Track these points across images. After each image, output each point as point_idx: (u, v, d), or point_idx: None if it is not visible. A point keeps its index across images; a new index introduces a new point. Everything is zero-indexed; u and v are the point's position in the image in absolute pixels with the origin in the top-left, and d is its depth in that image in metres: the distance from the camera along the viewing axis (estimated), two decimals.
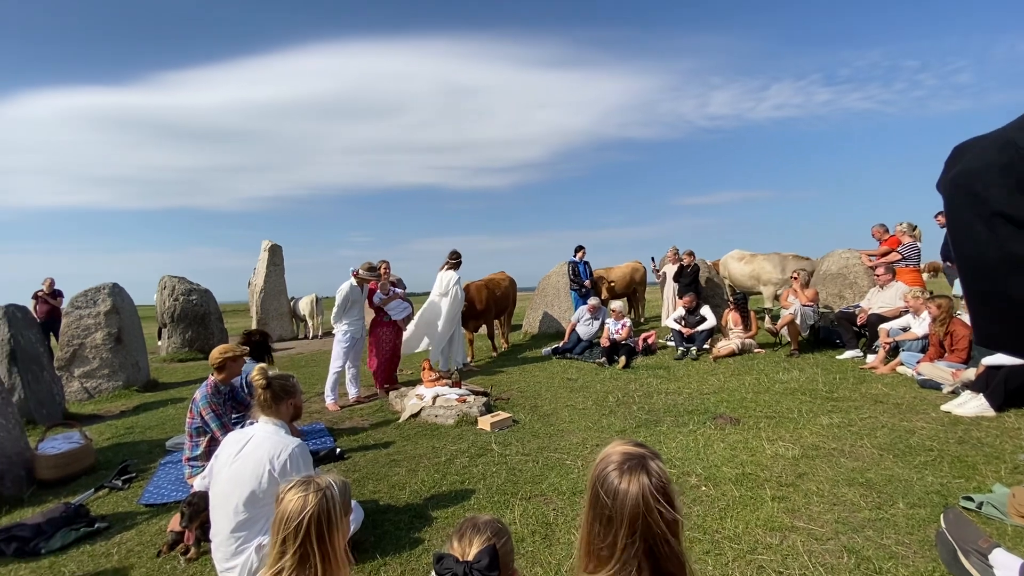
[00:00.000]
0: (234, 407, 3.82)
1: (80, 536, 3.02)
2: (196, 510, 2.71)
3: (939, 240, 8.31)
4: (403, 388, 6.07)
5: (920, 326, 5.73)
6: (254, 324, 12.80)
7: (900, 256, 7.38)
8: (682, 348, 7.47)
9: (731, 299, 7.96)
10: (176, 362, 10.08)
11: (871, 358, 6.15)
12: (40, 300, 10.23)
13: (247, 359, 4.34)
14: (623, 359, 7.01)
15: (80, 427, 4.56)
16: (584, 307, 8.35)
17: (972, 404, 4.22)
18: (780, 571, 2.32)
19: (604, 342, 7.50)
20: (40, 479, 3.96)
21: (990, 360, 4.24)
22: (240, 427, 3.34)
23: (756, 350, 7.26)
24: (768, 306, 9.48)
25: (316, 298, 13.71)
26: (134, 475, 4.05)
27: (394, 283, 6.64)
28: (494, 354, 8.60)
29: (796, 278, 7.26)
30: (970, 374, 4.53)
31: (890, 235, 7.83)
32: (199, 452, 3.57)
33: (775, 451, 3.66)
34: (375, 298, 6.26)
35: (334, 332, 6.09)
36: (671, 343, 7.99)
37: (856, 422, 4.19)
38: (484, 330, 8.70)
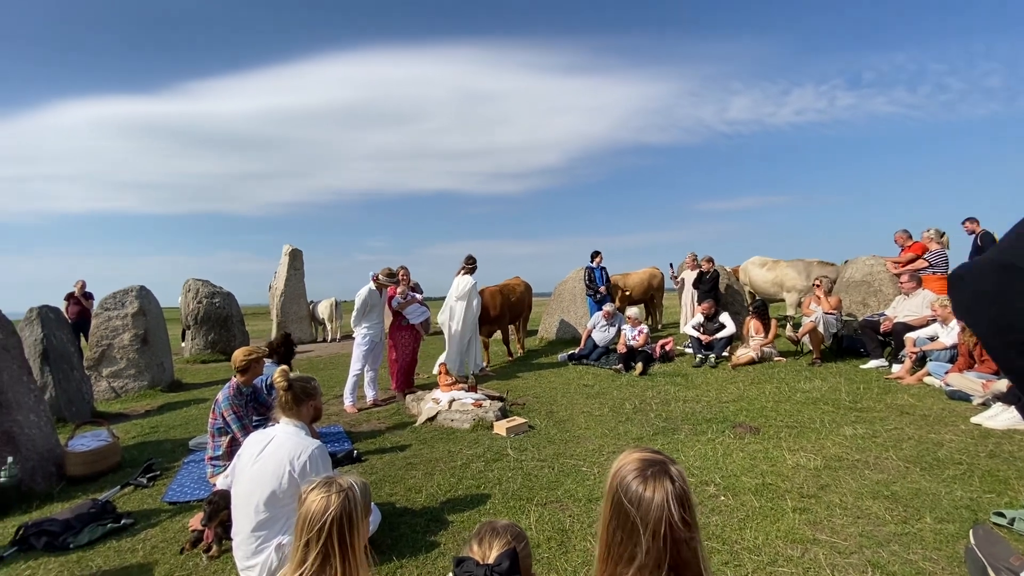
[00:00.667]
0: (255, 409, 3.89)
1: (107, 532, 3.10)
2: (216, 508, 2.76)
3: (967, 247, 8.08)
4: (419, 392, 6.12)
5: (948, 335, 5.58)
6: (274, 327, 13.01)
7: (927, 263, 7.19)
8: (700, 355, 7.38)
9: (751, 306, 7.85)
10: (199, 363, 10.31)
11: (897, 368, 6.00)
12: (72, 301, 10.57)
13: (269, 361, 4.43)
14: (640, 366, 6.95)
15: (108, 425, 4.68)
16: (600, 313, 8.32)
17: (1004, 416, 4.09)
18: None
19: (621, 348, 7.45)
20: (69, 475, 4.08)
21: None
22: (261, 428, 3.41)
23: (776, 358, 7.14)
24: (791, 313, 9.31)
25: (335, 302, 13.89)
26: (158, 473, 4.15)
27: (412, 288, 6.72)
28: (509, 359, 8.61)
29: (819, 285, 7.13)
30: (1001, 385, 4.39)
31: (913, 241, 7.64)
32: (221, 452, 3.64)
33: (796, 461, 3.59)
34: (394, 302, 6.33)
35: (353, 335, 6.17)
36: (689, 350, 7.90)
37: (881, 433, 4.09)
38: (499, 335, 8.72)
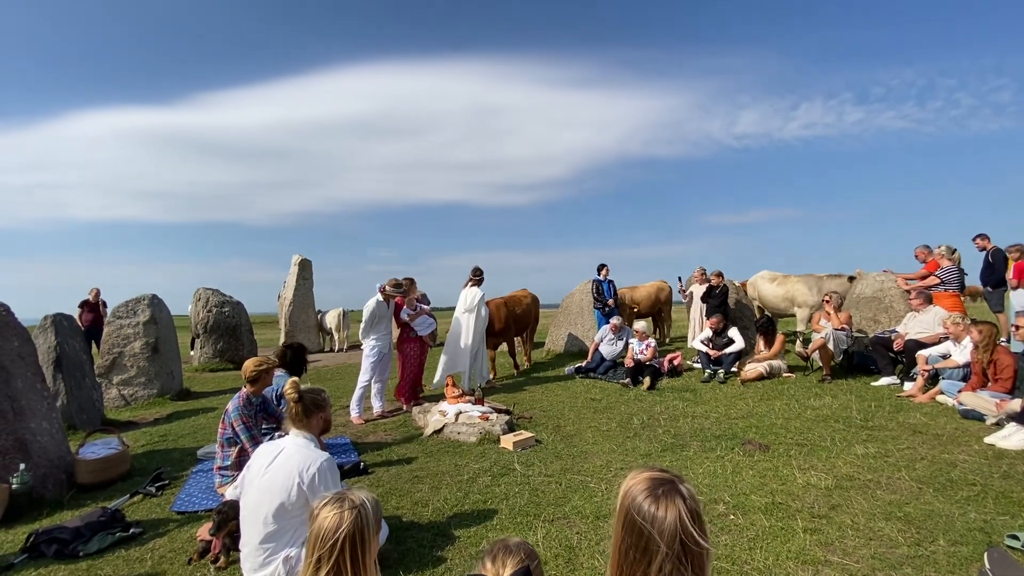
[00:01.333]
0: (265, 419, 3.91)
1: (116, 540, 3.12)
2: (225, 519, 2.77)
3: (978, 264, 8.01)
4: (426, 404, 6.12)
5: (961, 353, 5.52)
6: (282, 336, 13.09)
7: (939, 280, 7.13)
8: (709, 370, 7.33)
9: (756, 323, 7.80)
10: (208, 372, 10.38)
11: (908, 386, 5.93)
12: (87, 308, 10.70)
13: (282, 371, 4.47)
14: (648, 380, 6.91)
15: (119, 433, 4.72)
16: (607, 326, 8.31)
17: (1017, 437, 4.03)
18: None
19: (628, 362, 7.42)
20: (79, 483, 4.11)
21: None
22: (270, 439, 3.43)
23: (786, 374, 7.08)
24: (801, 329, 9.24)
25: (343, 312, 13.95)
26: (167, 482, 4.17)
27: (419, 299, 6.75)
28: (515, 372, 8.60)
29: (829, 301, 7.08)
30: (1015, 405, 4.32)
31: (932, 258, 7.59)
32: (229, 462, 3.66)
33: (807, 480, 3.55)
34: (403, 313, 6.36)
35: (361, 346, 6.20)
36: (697, 365, 7.86)
37: (893, 453, 4.03)
38: (506, 347, 8.71)
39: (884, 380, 6.30)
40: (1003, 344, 5.08)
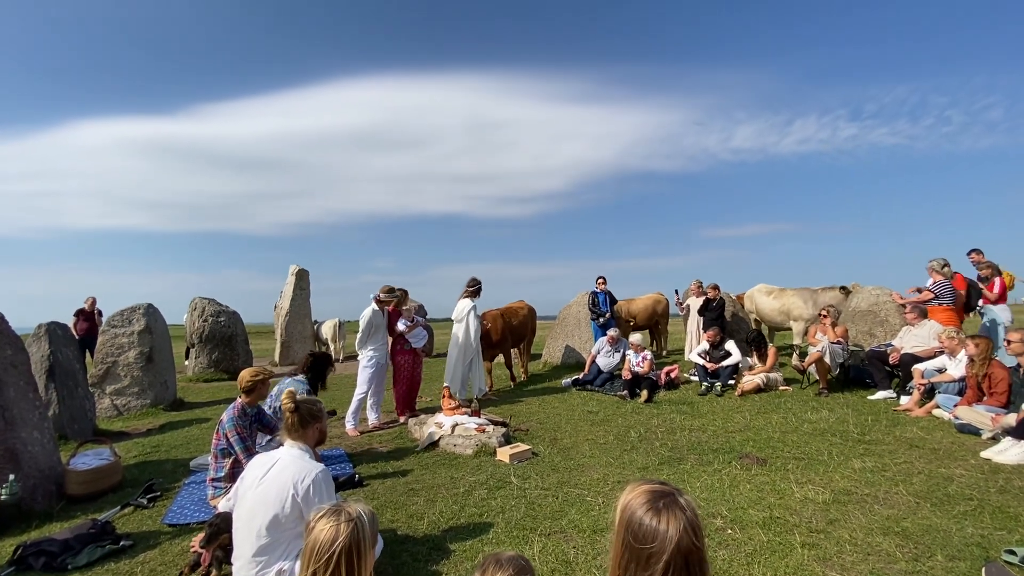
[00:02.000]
0: (260, 430, 3.87)
1: (106, 553, 3.07)
2: (216, 531, 2.73)
3: (972, 278, 8.02)
4: (422, 415, 6.08)
5: (956, 367, 5.54)
6: (278, 346, 13.02)
7: (932, 295, 7.17)
8: (706, 383, 7.32)
9: (747, 339, 7.81)
10: (202, 382, 10.29)
11: (905, 399, 5.94)
12: (82, 317, 10.56)
13: (302, 377, 4.50)
14: (645, 393, 6.90)
15: (111, 444, 4.67)
16: (604, 338, 8.30)
17: (1013, 451, 4.03)
18: None
19: (625, 375, 7.41)
20: (69, 494, 4.06)
21: None
22: (264, 449, 3.40)
23: (782, 387, 7.08)
24: (797, 342, 9.26)
25: (339, 322, 13.90)
26: (159, 494, 4.12)
27: (416, 311, 6.73)
28: (512, 384, 8.56)
29: (826, 315, 7.11)
30: (1011, 419, 4.33)
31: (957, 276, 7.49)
32: (223, 474, 3.61)
33: (804, 495, 3.53)
34: (399, 324, 6.32)
35: (358, 357, 6.16)
36: (695, 378, 7.85)
37: (890, 467, 4.03)
38: (503, 359, 8.68)
39: (880, 394, 6.31)
40: (998, 358, 5.10)
